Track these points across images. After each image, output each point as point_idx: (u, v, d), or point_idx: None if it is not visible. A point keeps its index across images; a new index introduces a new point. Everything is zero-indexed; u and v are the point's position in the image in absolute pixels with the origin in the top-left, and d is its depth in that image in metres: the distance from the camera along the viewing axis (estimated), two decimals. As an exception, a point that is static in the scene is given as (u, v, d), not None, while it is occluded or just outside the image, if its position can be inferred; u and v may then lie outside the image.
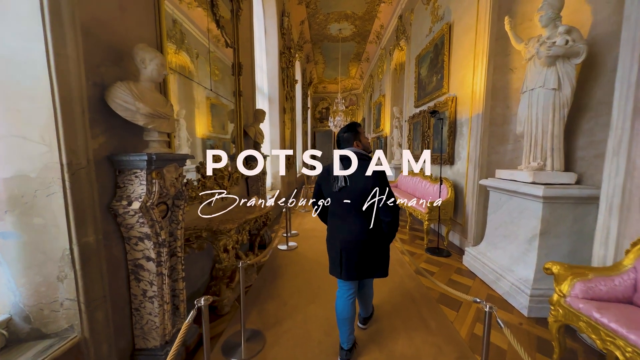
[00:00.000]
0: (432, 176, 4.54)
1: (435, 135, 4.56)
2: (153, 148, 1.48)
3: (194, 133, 2.51)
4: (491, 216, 2.88)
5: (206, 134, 2.79)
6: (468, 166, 3.52)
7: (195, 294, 2.27)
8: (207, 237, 1.99)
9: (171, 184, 1.52)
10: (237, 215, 2.32)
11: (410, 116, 5.84)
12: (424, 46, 5.05)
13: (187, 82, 2.24)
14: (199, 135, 2.59)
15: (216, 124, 2.98)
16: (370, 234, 1.54)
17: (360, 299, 1.89)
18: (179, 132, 2.42)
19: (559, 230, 2.21)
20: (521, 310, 2.20)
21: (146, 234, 1.41)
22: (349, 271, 1.58)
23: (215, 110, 2.86)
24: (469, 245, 3.39)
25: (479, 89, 3.26)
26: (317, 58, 11.62)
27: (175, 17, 2.15)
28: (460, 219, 3.73)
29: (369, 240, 1.55)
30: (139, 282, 1.47)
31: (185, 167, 1.80)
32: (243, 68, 3.37)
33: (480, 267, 2.81)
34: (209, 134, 2.84)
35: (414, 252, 3.59)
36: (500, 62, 3.14)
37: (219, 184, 2.64)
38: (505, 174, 2.69)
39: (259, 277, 2.80)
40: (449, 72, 4.12)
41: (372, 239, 1.56)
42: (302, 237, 4.18)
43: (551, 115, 2.26)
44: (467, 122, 3.56)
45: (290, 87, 7.38)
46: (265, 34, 5.61)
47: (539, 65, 2.28)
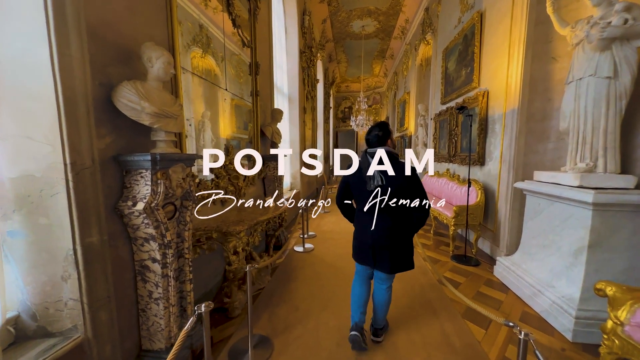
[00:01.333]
0: (460, 178, 4.21)
1: (464, 134, 4.23)
2: (160, 148, 1.46)
3: (218, 134, 2.52)
4: (528, 223, 2.57)
5: (230, 135, 2.80)
6: (501, 167, 3.20)
7: (207, 295, 2.27)
8: (218, 238, 1.96)
9: (178, 184, 1.49)
10: (250, 216, 2.28)
11: (437, 113, 5.50)
12: (452, 38, 4.72)
13: (210, 84, 2.24)
14: (222, 136, 2.60)
15: (239, 124, 2.99)
16: (402, 231, 1.64)
17: (377, 303, 1.82)
18: (203, 133, 2.45)
19: (612, 243, 1.89)
20: (564, 334, 1.91)
21: (151, 235, 1.39)
22: (382, 264, 1.67)
23: (238, 111, 2.86)
24: (502, 254, 3.07)
25: (514, 81, 2.94)
26: (340, 57, 11.47)
27: (201, 22, 2.17)
28: (492, 225, 3.40)
29: (400, 237, 1.64)
30: (145, 283, 1.46)
31: (194, 166, 1.77)
32: (260, 67, 3.34)
33: (514, 280, 2.52)
34: (233, 134, 2.85)
35: (438, 259, 3.34)
36: (540, 50, 2.80)
37: (233, 184, 2.62)
38: (545, 176, 2.37)
39: (272, 280, 2.75)
40: (479, 64, 3.79)
41: (404, 236, 1.66)
42: (319, 239, 4.08)
43: (604, 108, 1.94)
44: (501, 118, 3.23)
45: (312, 86, 7.32)
46: (285, 34, 5.60)
47: (590, 51, 1.97)
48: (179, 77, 1.79)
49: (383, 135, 1.61)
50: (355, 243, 1.77)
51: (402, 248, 1.65)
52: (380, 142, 1.62)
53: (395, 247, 1.63)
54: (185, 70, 1.97)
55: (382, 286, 1.77)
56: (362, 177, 1.61)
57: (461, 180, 4.15)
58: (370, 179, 1.57)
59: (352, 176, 1.67)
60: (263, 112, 3.57)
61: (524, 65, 2.82)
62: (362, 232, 1.69)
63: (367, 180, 1.58)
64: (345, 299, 2.33)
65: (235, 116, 2.87)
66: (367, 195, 1.60)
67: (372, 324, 1.89)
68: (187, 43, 2.03)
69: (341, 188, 1.75)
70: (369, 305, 1.88)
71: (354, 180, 1.67)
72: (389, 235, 1.61)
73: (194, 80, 2.13)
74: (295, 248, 3.65)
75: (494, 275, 2.86)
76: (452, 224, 3.41)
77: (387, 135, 1.62)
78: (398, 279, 2.74)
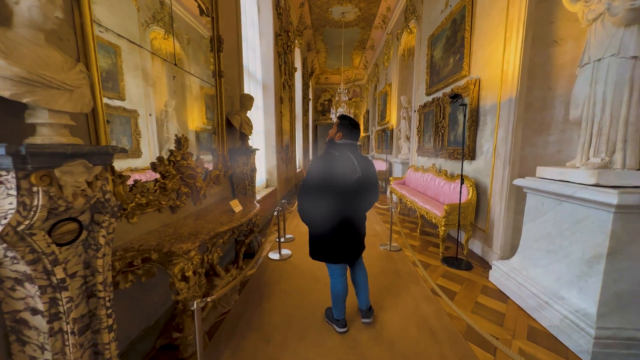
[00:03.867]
0: (448, 173, 3.96)
1: (452, 126, 3.96)
2: (42, 136, 0.94)
3: (184, 124, 1.97)
4: (528, 225, 2.32)
5: (198, 126, 2.27)
6: (494, 162, 2.94)
7: (152, 330, 1.76)
8: (159, 259, 1.46)
9: (76, 192, 0.98)
10: (208, 227, 1.79)
11: (421, 105, 5.23)
12: (438, 24, 4.41)
13: (152, 55, 1.69)
14: (190, 128, 2.06)
15: (202, 111, 2.45)
16: (365, 217, 1.88)
17: (358, 284, 1.96)
18: (167, 126, 1.97)
19: (633, 250, 1.64)
20: (580, 355, 1.65)
21: (26, 275, 0.88)
22: (355, 253, 1.82)
23: (195, 95, 2.31)
24: (495, 256, 2.83)
25: (511, 67, 2.65)
26: (319, 46, 10.95)
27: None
28: (483, 225, 3.17)
29: (364, 223, 1.87)
30: (23, 346, 0.95)
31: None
32: (225, 43, 2.79)
33: (514, 288, 2.26)
34: (194, 124, 2.31)
35: (429, 263, 3.05)
36: (541, 33, 2.52)
37: (188, 184, 2.11)
38: (551, 173, 2.11)
39: (240, 299, 2.29)
40: (470, 50, 3.50)
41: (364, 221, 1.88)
42: (298, 242, 3.65)
43: (626, 94, 1.67)
44: (494, 108, 2.96)
45: (289, 75, 6.77)
46: (258, 12, 5.00)
47: (612, 26, 1.68)
48: (87, 30, 1.25)
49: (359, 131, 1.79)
50: (335, 244, 1.73)
51: (364, 232, 1.89)
52: (358, 136, 1.77)
53: (362, 233, 1.87)
54: (101, 25, 1.41)
55: (359, 265, 1.96)
56: (341, 169, 1.63)
57: (449, 176, 3.89)
58: (351, 169, 1.64)
59: (332, 167, 1.64)
60: (230, 97, 3.03)
61: (523, 49, 2.54)
62: (343, 229, 1.71)
63: (349, 172, 1.63)
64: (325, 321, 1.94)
65: (190, 100, 2.32)
66: (347, 186, 1.63)
67: (361, 306, 1.97)
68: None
69: (318, 180, 1.63)
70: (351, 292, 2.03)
71: (333, 171, 1.63)
72: (362, 223, 1.84)
73: (127, 49, 1.57)
74: (271, 255, 3.19)
75: (489, 281, 2.61)
76: (443, 224, 3.12)
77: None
78: (388, 291, 2.40)
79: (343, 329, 1.86)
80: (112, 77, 1.49)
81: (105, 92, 1.40)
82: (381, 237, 3.85)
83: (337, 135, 1.71)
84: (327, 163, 1.63)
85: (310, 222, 1.73)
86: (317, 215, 1.66)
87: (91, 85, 1.25)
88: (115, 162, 1.45)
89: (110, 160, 1.17)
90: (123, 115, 1.57)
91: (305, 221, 1.73)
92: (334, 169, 1.61)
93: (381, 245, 3.50)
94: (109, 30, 1.45)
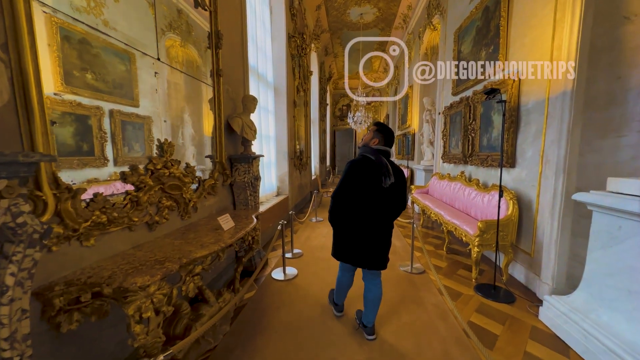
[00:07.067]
0: (480, 183, 3.43)
1: (484, 128, 3.44)
2: None
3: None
4: (597, 253, 1.78)
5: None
6: (542, 170, 2.41)
7: (116, 373, 1.46)
8: (113, 295, 1.16)
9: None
10: (184, 249, 1.48)
11: (447, 106, 4.71)
12: (467, 15, 3.93)
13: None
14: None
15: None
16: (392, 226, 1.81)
17: (369, 303, 1.84)
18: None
19: None
20: None
21: None
22: (378, 260, 1.74)
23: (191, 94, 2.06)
24: (546, 287, 2.28)
25: (565, 53, 2.15)
26: (337, 50, 10.70)
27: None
28: (527, 247, 2.61)
29: (391, 231, 1.79)
30: None
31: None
32: (225, 40, 2.54)
33: (578, 337, 1.73)
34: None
35: (459, 291, 2.54)
36: (605, 8, 2.02)
37: (172, 196, 1.82)
38: (631, 186, 1.58)
39: (231, 331, 1.95)
40: (507, 40, 3.00)
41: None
42: (307, 259, 3.28)
43: None
44: (540, 106, 2.45)
45: (304, 78, 6.51)
46: (270, 14, 4.80)
47: None
48: (18, 5, 0.99)
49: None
50: (362, 247, 1.72)
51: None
52: (393, 143, 1.77)
53: (388, 243, 1.78)
54: (45, 5, 1.16)
55: (376, 281, 1.84)
56: (375, 174, 1.63)
57: (481, 186, 3.36)
58: (385, 175, 1.62)
59: (366, 172, 1.65)
60: (231, 99, 2.77)
61: (581, 31, 2.03)
62: (372, 233, 1.70)
63: (380, 177, 1.63)
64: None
65: (182, 101, 2.06)
66: (379, 192, 1.65)
67: (366, 322, 1.86)
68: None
69: (350, 185, 1.67)
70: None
71: (366, 177, 1.65)
72: (390, 232, 1.77)
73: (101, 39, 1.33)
74: (274, 274, 2.84)
75: (539, 320, 2.07)
76: (476, 244, 2.61)
77: None
78: (409, 329, 1.95)
79: (339, 313, 2.10)
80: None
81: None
82: (401, 256, 3.37)
83: (373, 141, 1.75)
84: (363, 167, 1.66)
85: (340, 223, 1.76)
86: (348, 216, 1.71)
87: (21, 74, 0.99)
88: (82, 172, 1.19)
89: (31, 171, 0.88)
90: (82, 113, 1.31)
91: (335, 221, 1.78)
92: (370, 173, 1.64)
93: (401, 267, 3.03)
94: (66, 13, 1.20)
